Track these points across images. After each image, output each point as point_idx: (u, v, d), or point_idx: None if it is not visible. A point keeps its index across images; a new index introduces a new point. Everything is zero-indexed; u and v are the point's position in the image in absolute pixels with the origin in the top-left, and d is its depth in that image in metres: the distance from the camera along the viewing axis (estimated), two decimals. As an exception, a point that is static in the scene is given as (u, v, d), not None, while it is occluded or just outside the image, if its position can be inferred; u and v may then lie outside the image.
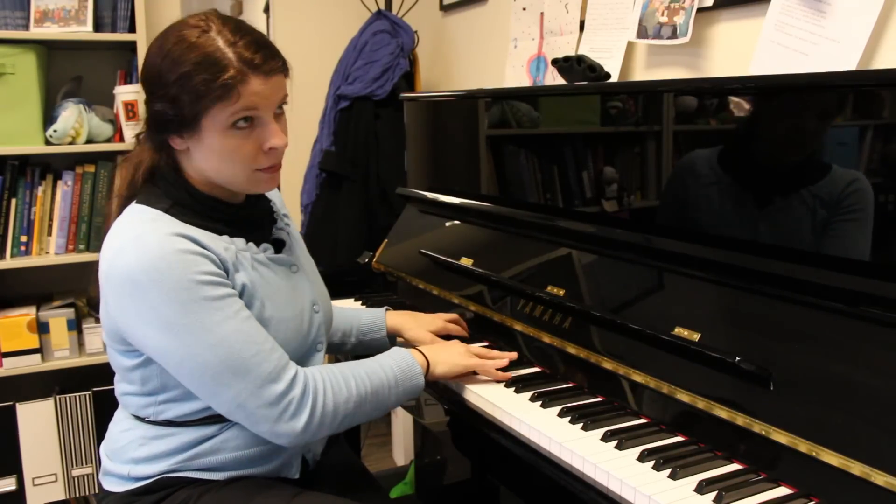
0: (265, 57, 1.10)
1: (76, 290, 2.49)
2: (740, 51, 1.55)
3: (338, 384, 1.15)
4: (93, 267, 1.16)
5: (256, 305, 1.15)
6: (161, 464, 1.16)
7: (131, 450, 1.18)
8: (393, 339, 1.53)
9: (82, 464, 2.38)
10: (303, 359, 1.24)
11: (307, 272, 1.31)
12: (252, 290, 1.15)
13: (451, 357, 1.30)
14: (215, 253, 1.12)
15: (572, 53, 1.77)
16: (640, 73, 1.82)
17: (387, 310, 1.56)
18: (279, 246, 1.27)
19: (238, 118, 1.09)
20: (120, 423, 1.23)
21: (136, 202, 1.15)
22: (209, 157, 1.13)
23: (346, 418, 1.15)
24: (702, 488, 0.96)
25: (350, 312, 1.55)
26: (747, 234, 1.16)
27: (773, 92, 1.14)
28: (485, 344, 1.51)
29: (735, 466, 1.02)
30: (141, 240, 1.08)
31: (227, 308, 1.09)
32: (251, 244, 1.20)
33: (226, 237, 1.16)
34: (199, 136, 1.11)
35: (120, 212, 1.16)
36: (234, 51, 1.08)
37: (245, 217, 1.22)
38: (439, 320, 1.52)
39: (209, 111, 1.08)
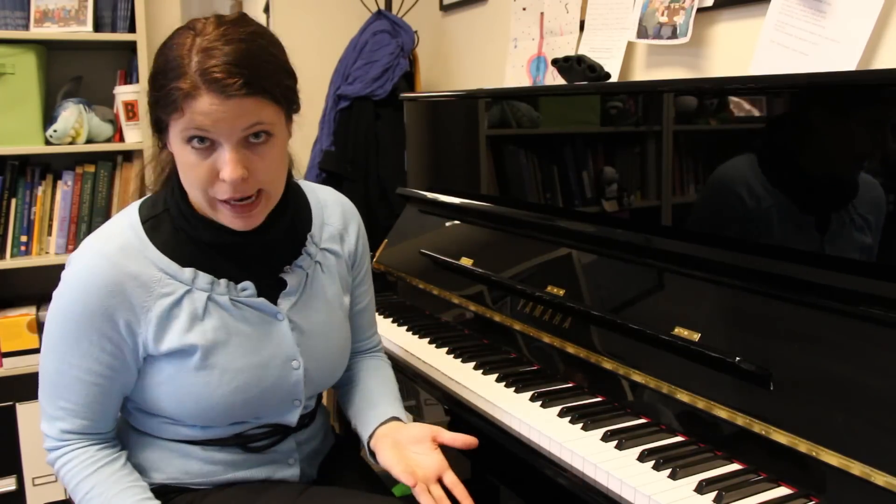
0: (229, 73, 0.95)
1: (76, 290, 2.49)
2: (740, 51, 1.55)
3: (81, 496, 1.09)
4: None
5: (200, 350, 1.07)
6: (155, 474, 1.14)
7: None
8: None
9: (82, 464, 2.38)
10: (276, 410, 1.15)
11: (309, 323, 1.16)
12: (193, 330, 1.07)
13: None
14: (144, 289, 1.05)
15: (572, 53, 1.77)
16: (640, 73, 1.82)
17: (375, 431, 1.20)
18: (281, 286, 1.14)
19: (190, 136, 0.98)
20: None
21: (140, 199, 1.15)
22: (179, 170, 1.05)
23: None
24: (702, 488, 0.96)
25: (363, 403, 1.28)
26: (746, 234, 1.16)
27: (772, 92, 1.14)
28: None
29: (735, 466, 1.02)
30: (89, 249, 1.07)
31: (73, 352, 1.06)
32: (223, 281, 1.09)
33: (190, 270, 1.08)
34: (170, 142, 1.03)
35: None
36: (200, 58, 0.96)
37: (235, 245, 1.10)
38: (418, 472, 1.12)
39: (168, 121, 1.00)
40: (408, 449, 1.14)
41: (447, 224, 1.85)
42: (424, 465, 1.11)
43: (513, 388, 1.29)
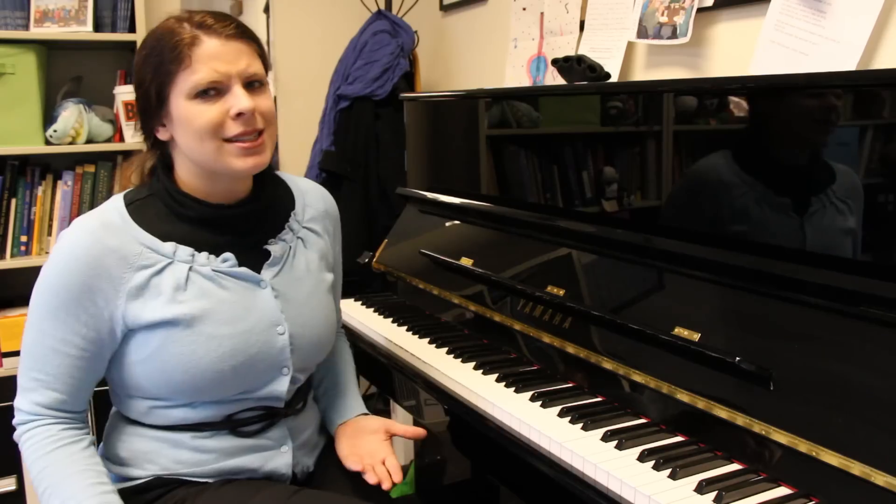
0: (222, 20, 1.10)
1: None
2: (740, 51, 1.55)
3: (35, 475, 1.10)
4: None
5: (185, 320, 1.10)
6: (149, 466, 1.16)
7: (118, 448, 1.18)
8: None
9: (82, 464, 2.38)
10: (264, 378, 1.18)
11: (293, 292, 1.21)
12: (177, 300, 1.10)
13: None
14: (123, 261, 1.09)
15: (572, 53, 1.77)
16: (640, 73, 1.82)
17: (343, 422, 1.34)
18: (265, 258, 1.19)
19: (197, 92, 1.07)
20: (109, 420, 1.24)
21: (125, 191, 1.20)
22: (183, 135, 1.11)
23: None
24: (702, 488, 0.96)
25: (333, 390, 1.40)
26: (746, 234, 1.16)
27: (772, 92, 1.14)
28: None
29: (735, 466, 1.02)
30: (74, 226, 1.12)
31: (50, 322, 1.09)
32: (204, 254, 1.14)
33: (170, 244, 1.12)
34: (170, 113, 1.10)
35: None
36: (189, 22, 1.10)
37: (221, 217, 1.16)
38: (371, 459, 1.25)
39: (172, 82, 1.08)
40: (362, 438, 1.28)
41: (447, 224, 1.85)
42: (371, 452, 1.25)
43: (513, 388, 1.29)
